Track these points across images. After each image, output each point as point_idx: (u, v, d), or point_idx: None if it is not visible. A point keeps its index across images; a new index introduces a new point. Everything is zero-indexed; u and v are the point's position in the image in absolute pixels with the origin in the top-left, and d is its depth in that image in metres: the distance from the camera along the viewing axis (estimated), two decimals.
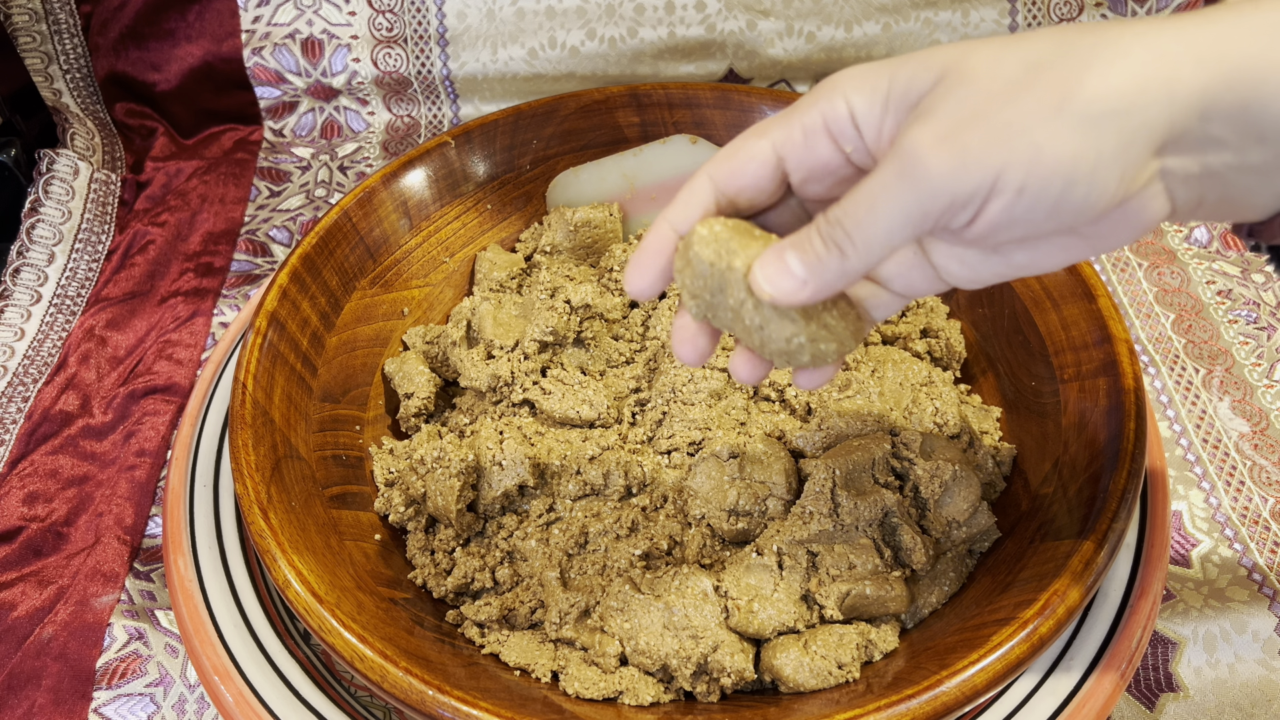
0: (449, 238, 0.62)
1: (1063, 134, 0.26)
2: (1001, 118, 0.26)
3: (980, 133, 0.26)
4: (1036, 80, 0.26)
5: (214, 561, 0.49)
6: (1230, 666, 0.51)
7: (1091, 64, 0.26)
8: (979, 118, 0.26)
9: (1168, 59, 0.26)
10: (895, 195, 0.28)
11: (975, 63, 0.27)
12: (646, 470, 0.50)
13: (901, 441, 0.48)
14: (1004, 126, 0.26)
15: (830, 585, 0.44)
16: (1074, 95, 0.26)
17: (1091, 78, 0.26)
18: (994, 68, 0.27)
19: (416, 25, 0.82)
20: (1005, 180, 0.27)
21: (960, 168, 0.27)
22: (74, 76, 0.83)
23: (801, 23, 0.81)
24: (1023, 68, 0.26)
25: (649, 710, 0.42)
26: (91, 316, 0.71)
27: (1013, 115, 0.26)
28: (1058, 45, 0.27)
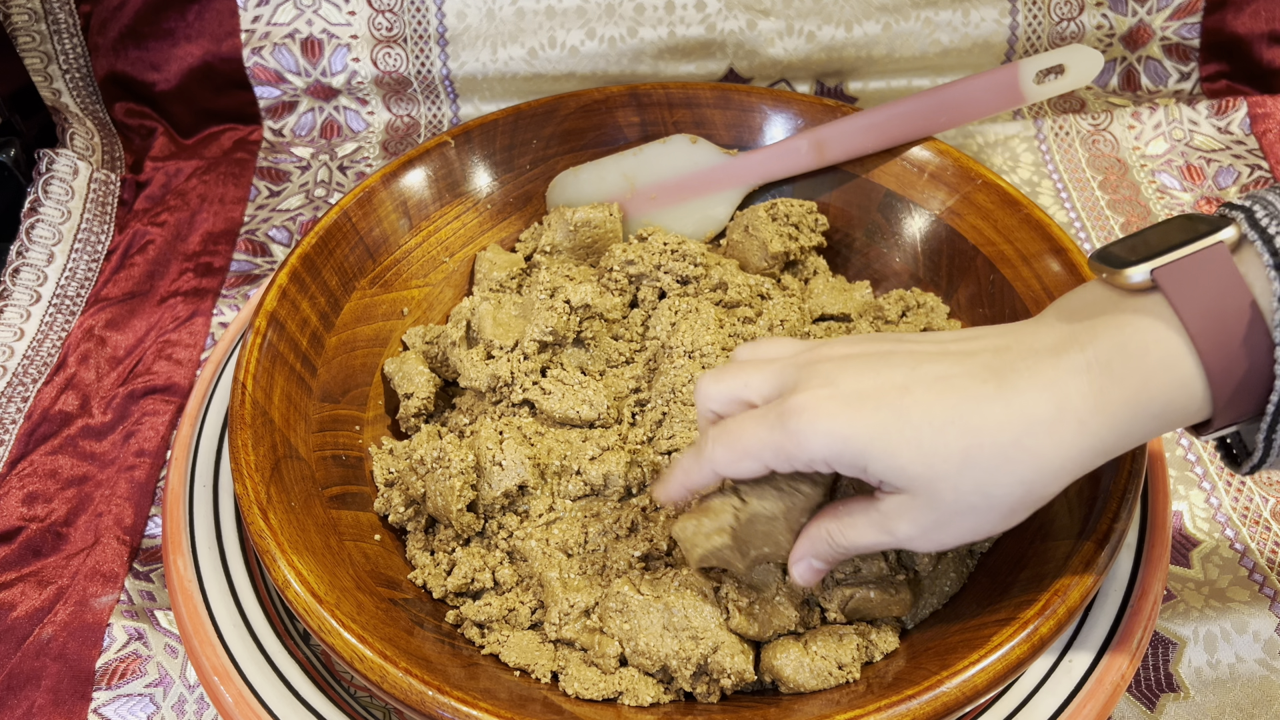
0: (449, 238, 0.62)
1: (1011, 522, 0.36)
2: (966, 527, 0.36)
3: (951, 534, 0.36)
4: (987, 506, 0.35)
5: (213, 562, 0.49)
6: (1230, 667, 0.51)
7: (1029, 485, 0.35)
8: (949, 528, 0.36)
9: (1082, 464, 0.35)
10: (886, 547, 0.38)
11: (941, 492, 0.35)
12: (646, 471, 0.50)
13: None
14: (969, 531, 0.36)
15: (834, 589, 0.44)
16: (1016, 507, 0.35)
17: (1029, 495, 0.35)
18: (955, 497, 0.35)
19: (416, 25, 0.82)
20: (876, 451, 0.35)
21: (932, 548, 0.38)
22: (73, 76, 0.83)
23: (801, 22, 0.81)
24: (977, 495, 0.35)
25: (649, 711, 0.42)
26: (91, 316, 0.71)
27: (974, 525, 0.36)
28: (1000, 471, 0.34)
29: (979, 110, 0.58)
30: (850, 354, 0.37)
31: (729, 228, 0.63)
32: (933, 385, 0.34)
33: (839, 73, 0.84)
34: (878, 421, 0.34)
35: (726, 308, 0.57)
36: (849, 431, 0.34)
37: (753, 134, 0.64)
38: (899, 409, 0.34)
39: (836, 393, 0.35)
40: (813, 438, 0.35)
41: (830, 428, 0.35)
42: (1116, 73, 0.85)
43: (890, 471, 0.35)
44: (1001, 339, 0.36)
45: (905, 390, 0.34)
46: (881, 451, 0.34)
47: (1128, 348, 0.33)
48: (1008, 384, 0.34)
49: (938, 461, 0.34)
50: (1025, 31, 0.82)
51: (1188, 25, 0.82)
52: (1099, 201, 0.77)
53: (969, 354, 0.35)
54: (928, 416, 0.34)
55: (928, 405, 0.34)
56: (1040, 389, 0.33)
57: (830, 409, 0.35)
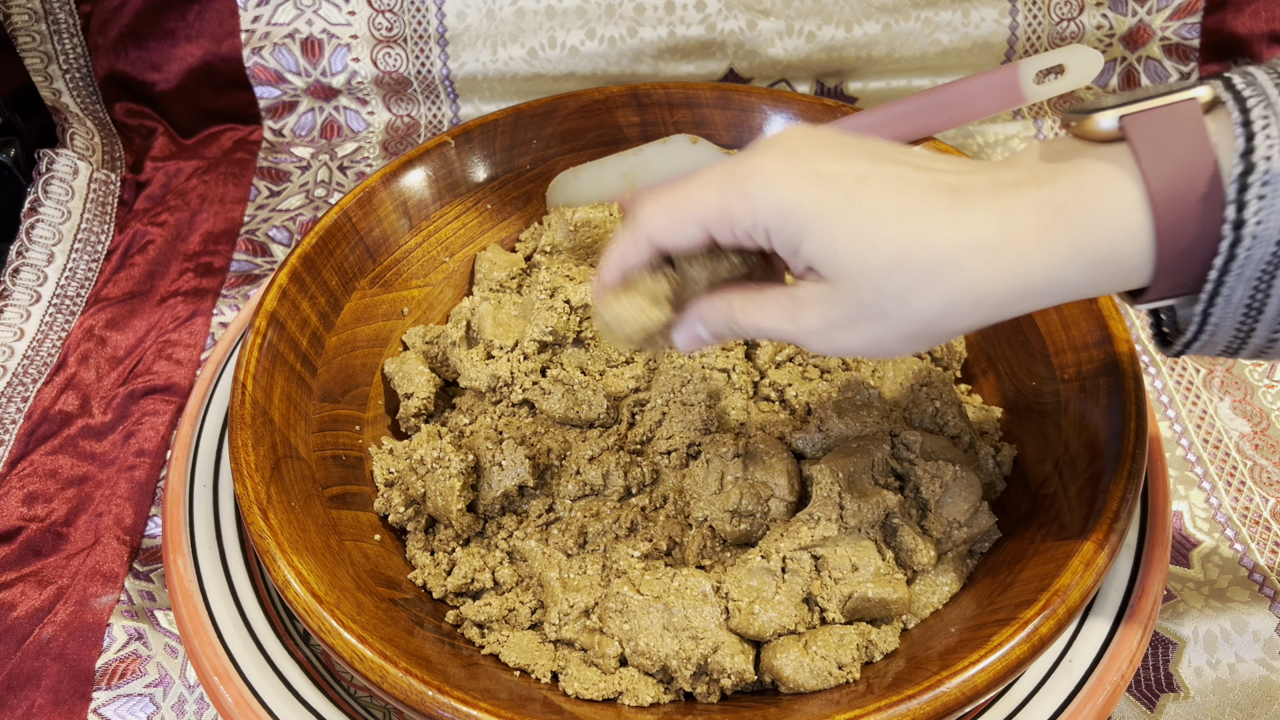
0: (449, 238, 0.62)
1: (909, 348, 0.36)
2: (870, 334, 0.36)
3: (852, 338, 0.36)
4: (900, 316, 0.35)
5: (213, 562, 0.49)
6: (1230, 667, 0.51)
7: (947, 307, 0.34)
8: (854, 329, 0.36)
9: (1005, 303, 0.34)
10: (782, 335, 0.37)
11: (863, 289, 0.34)
12: (645, 471, 0.50)
13: (902, 442, 0.48)
14: (870, 339, 0.36)
15: (833, 588, 0.44)
16: (926, 329, 0.35)
17: (943, 319, 0.34)
18: (875, 299, 0.34)
19: (416, 25, 0.82)
20: (816, 228, 0.35)
21: (827, 349, 0.37)
22: (73, 76, 0.83)
23: (801, 22, 0.81)
24: (894, 303, 0.34)
25: (649, 711, 0.42)
26: (91, 316, 0.71)
27: (878, 334, 0.35)
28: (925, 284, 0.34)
29: (979, 110, 0.59)
30: (818, 134, 0.36)
31: None
32: (891, 183, 0.34)
33: (839, 73, 0.84)
34: (829, 201, 0.34)
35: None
36: (798, 202, 0.34)
37: (753, 134, 0.64)
38: (852, 194, 0.34)
39: (796, 165, 0.35)
40: (762, 201, 0.35)
41: (781, 195, 0.34)
42: (1116, 73, 0.85)
43: (822, 252, 0.34)
44: (969, 165, 0.35)
45: (863, 180, 0.34)
46: (822, 229, 0.34)
47: (1083, 191, 0.32)
48: (961, 202, 0.33)
49: (871, 255, 0.34)
50: (1025, 32, 0.82)
51: (1188, 25, 0.82)
52: None
53: (933, 168, 0.35)
54: (876, 209, 0.33)
55: (880, 199, 0.34)
56: (991, 214, 0.33)
57: (787, 178, 0.34)
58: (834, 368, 0.55)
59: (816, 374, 0.54)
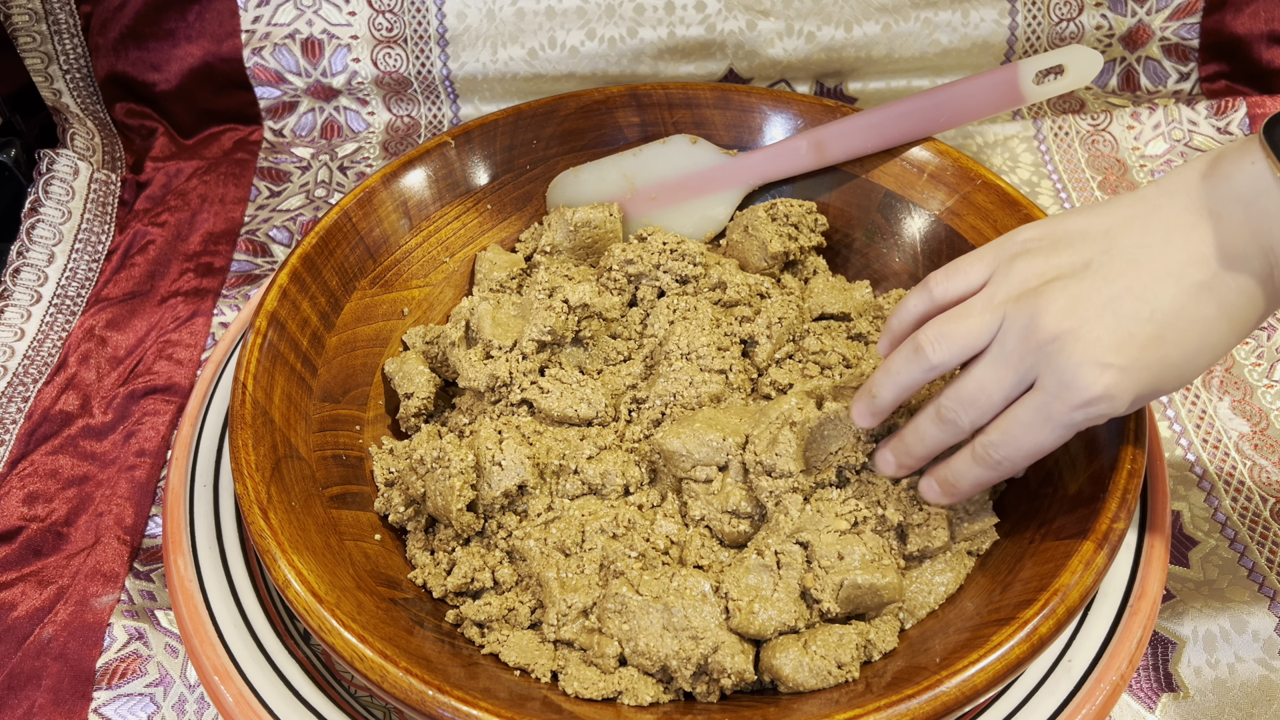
0: (449, 238, 0.62)
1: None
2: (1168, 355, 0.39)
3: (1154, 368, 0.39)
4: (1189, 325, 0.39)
5: (214, 561, 0.49)
6: (1230, 666, 0.51)
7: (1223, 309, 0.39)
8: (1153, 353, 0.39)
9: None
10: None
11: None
12: (644, 470, 0.50)
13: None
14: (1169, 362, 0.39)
15: (824, 578, 0.44)
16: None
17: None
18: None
19: (416, 25, 0.82)
20: (1162, 390, 0.40)
21: (1136, 395, 0.39)
22: (74, 76, 0.83)
23: (801, 23, 0.81)
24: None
25: (648, 710, 0.42)
26: (91, 316, 0.71)
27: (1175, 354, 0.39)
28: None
29: (979, 110, 0.59)
30: (1076, 316, 0.38)
31: (729, 228, 0.63)
32: (1174, 326, 0.38)
33: (839, 73, 0.84)
34: (1152, 376, 0.38)
35: (725, 307, 0.57)
36: (1134, 394, 0.38)
37: (752, 134, 0.65)
38: (1163, 359, 0.38)
39: (1102, 366, 0.38)
40: (1109, 415, 0.39)
41: (1122, 403, 0.39)
42: (1116, 73, 0.85)
43: (1173, 389, 0.40)
44: (1189, 242, 0.38)
45: (1160, 341, 0.38)
46: (1156, 393, 0.39)
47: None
48: (1224, 300, 0.38)
49: (1191, 376, 0.40)
50: (1025, 32, 0.82)
51: (1187, 25, 0.82)
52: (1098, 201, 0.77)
53: (1179, 274, 0.38)
54: (1184, 356, 0.38)
55: (1181, 348, 0.38)
56: (1245, 296, 0.38)
57: (1108, 384, 0.38)
58: (834, 364, 0.55)
59: (817, 370, 0.54)
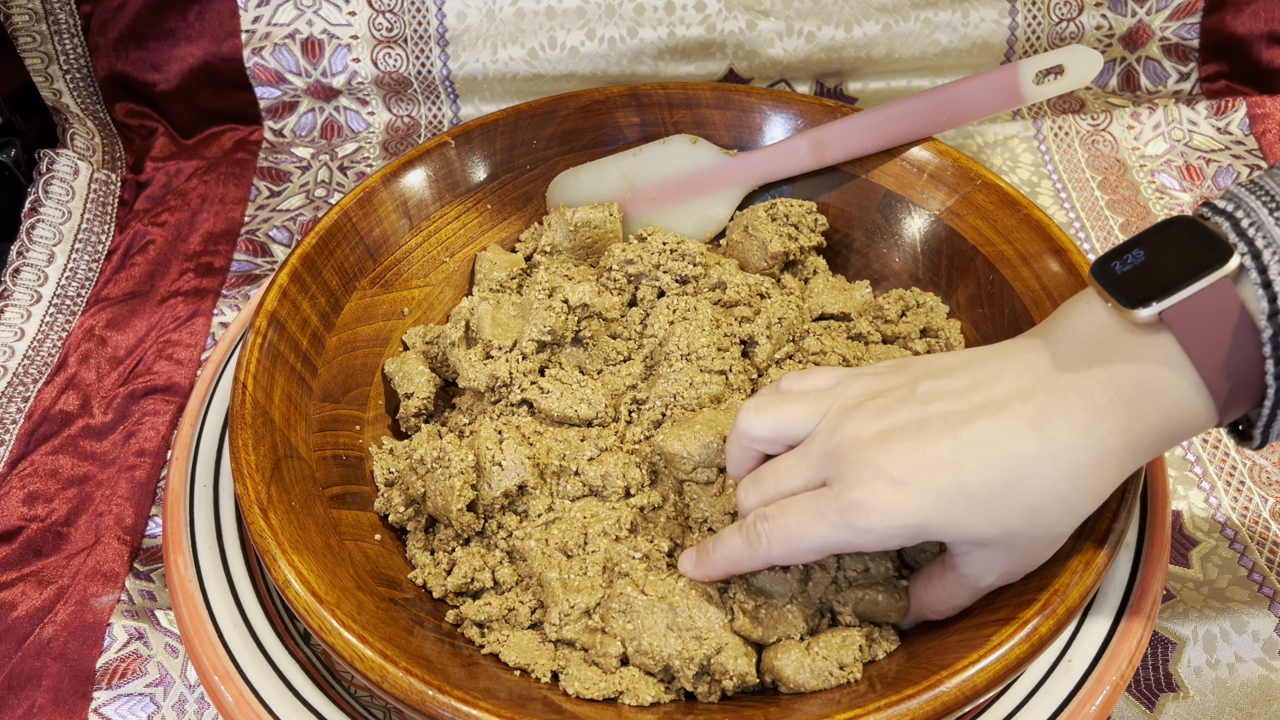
0: (449, 238, 0.62)
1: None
2: (1046, 555, 0.41)
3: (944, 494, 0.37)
4: (1058, 536, 0.39)
5: (214, 561, 0.49)
6: (1230, 666, 0.51)
7: (1084, 513, 0.38)
8: (1031, 563, 0.41)
9: (1125, 471, 0.37)
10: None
11: (1018, 543, 0.38)
12: (645, 472, 0.50)
13: None
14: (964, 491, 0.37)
15: (848, 591, 0.44)
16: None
17: (1089, 513, 0.38)
18: (1030, 544, 0.39)
19: (416, 25, 0.82)
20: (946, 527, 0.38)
21: (908, 520, 0.37)
22: (74, 76, 0.83)
23: (801, 23, 0.81)
24: (1045, 534, 0.38)
25: (649, 710, 0.42)
26: (91, 316, 0.71)
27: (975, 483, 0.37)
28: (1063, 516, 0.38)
29: (979, 110, 0.59)
30: (882, 427, 0.38)
31: (729, 228, 0.63)
32: (980, 455, 0.36)
33: (839, 73, 0.84)
34: (943, 503, 0.36)
35: (725, 307, 0.57)
36: (919, 518, 0.37)
37: (752, 134, 0.65)
38: (959, 486, 0.36)
39: (890, 480, 0.37)
40: (883, 531, 0.37)
41: (898, 520, 0.37)
42: (1116, 73, 0.85)
43: (966, 540, 0.38)
44: (1021, 378, 0.37)
45: (958, 467, 0.36)
46: (954, 527, 0.37)
47: (1146, 388, 0.35)
48: (1048, 437, 0.36)
49: (1008, 523, 0.37)
50: (1025, 32, 0.82)
51: (1187, 26, 0.82)
52: (1098, 202, 0.77)
53: (999, 406, 0.37)
54: (987, 488, 0.36)
55: (983, 478, 0.36)
56: (1078, 436, 0.36)
57: (891, 499, 0.37)
58: (834, 364, 0.54)
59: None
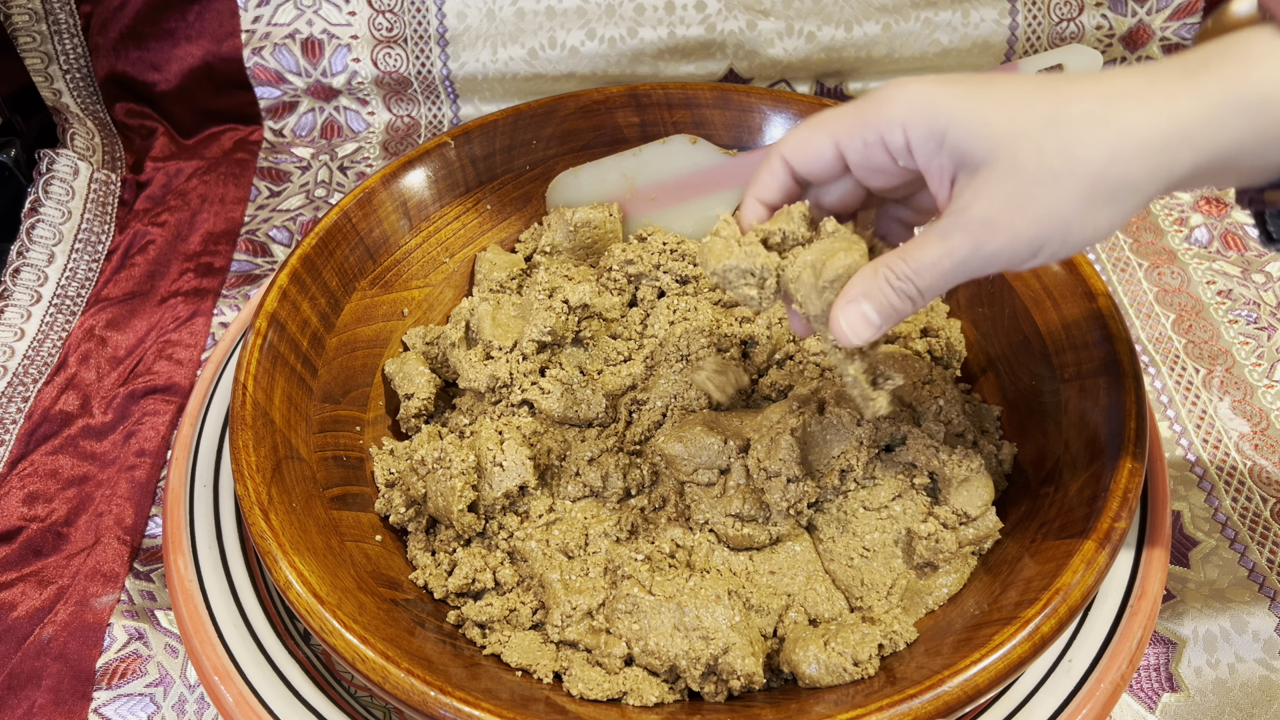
0: (449, 238, 0.62)
1: (1091, 216, 0.33)
2: (1045, 206, 0.33)
3: (1029, 218, 0.33)
4: (1070, 171, 0.32)
5: (214, 561, 0.49)
6: (1230, 666, 0.51)
7: (1115, 152, 0.32)
8: (1028, 204, 0.33)
9: (1169, 146, 0.32)
10: (958, 257, 0.35)
11: (1023, 153, 0.33)
12: (645, 472, 0.50)
13: (925, 431, 0.49)
14: (1048, 215, 0.33)
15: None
16: (1100, 183, 0.32)
17: (1114, 166, 0.32)
18: (1038, 159, 0.33)
19: (416, 25, 0.82)
20: (1044, 252, 0.34)
21: (1012, 244, 0.34)
22: (74, 76, 0.83)
23: (801, 23, 0.81)
24: (1060, 158, 0.32)
25: (653, 710, 0.42)
26: (91, 316, 0.71)
27: (1054, 204, 0.33)
28: (1087, 131, 0.33)
29: None
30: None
31: None
32: (1019, 77, 0.34)
33: (839, 73, 0.84)
34: (963, 90, 0.33)
35: (725, 307, 0.57)
36: (935, 93, 0.34)
37: (752, 134, 0.65)
38: (986, 81, 0.34)
39: (922, 80, 0.34)
40: (897, 101, 0.34)
41: (914, 90, 0.34)
42: None
43: (972, 128, 0.33)
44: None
45: (990, 78, 0.34)
46: (967, 108, 0.33)
47: (1229, 51, 0.32)
48: (1097, 75, 0.33)
49: (1023, 115, 0.33)
50: (1025, 32, 0.82)
51: (1187, 26, 0.82)
52: None
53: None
54: (1015, 85, 0.33)
55: (1015, 80, 0.33)
56: (1133, 72, 0.33)
57: (919, 84, 0.34)
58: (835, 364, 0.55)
59: (817, 372, 0.54)
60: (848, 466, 0.47)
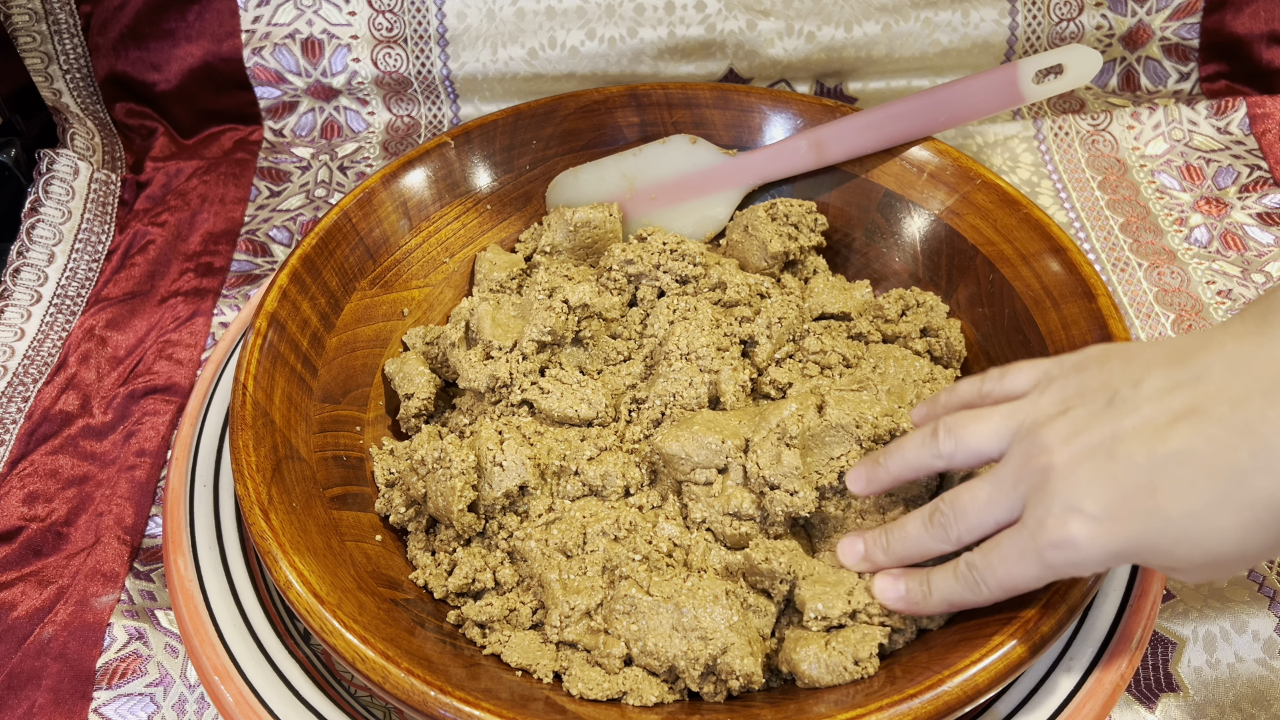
0: (449, 238, 0.62)
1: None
2: (1160, 507, 0.32)
3: (1138, 521, 0.33)
4: (1196, 473, 0.32)
5: (214, 561, 0.49)
6: (1230, 666, 0.51)
7: (1259, 458, 0.30)
8: (1138, 504, 0.33)
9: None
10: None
11: (1227, 562, 0.32)
12: (644, 471, 0.50)
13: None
14: (1161, 516, 0.32)
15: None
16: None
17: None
18: (1241, 561, 0.32)
19: (416, 25, 0.82)
20: (1153, 554, 0.34)
21: (1109, 551, 0.34)
22: (74, 76, 0.83)
23: (801, 23, 0.81)
24: (1250, 558, 0.31)
25: (653, 710, 0.42)
26: (91, 316, 0.71)
27: (1173, 507, 0.32)
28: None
29: (978, 110, 0.59)
30: (1075, 452, 0.35)
31: (729, 228, 0.63)
32: (1178, 474, 0.32)
33: (839, 73, 0.84)
34: (1140, 531, 0.33)
35: (725, 307, 0.57)
36: (1116, 550, 0.34)
37: (752, 134, 0.65)
38: (1156, 513, 0.33)
39: (1085, 516, 0.34)
40: (1087, 565, 0.35)
41: (1098, 554, 0.34)
42: (1116, 73, 0.85)
43: (1173, 567, 0.34)
44: (1232, 376, 0.32)
45: (1153, 489, 0.33)
46: (1155, 555, 0.34)
47: None
48: (1261, 440, 0.31)
49: (1214, 546, 0.32)
50: (1025, 32, 0.82)
51: (1187, 25, 0.82)
52: (1098, 201, 0.77)
53: (1202, 411, 0.32)
54: (1188, 509, 0.32)
55: (1184, 500, 0.32)
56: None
57: (1087, 536, 0.34)
58: (834, 364, 0.54)
59: (817, 370, 0.54)
60: (848, 468, 0.47)
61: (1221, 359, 0.33)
